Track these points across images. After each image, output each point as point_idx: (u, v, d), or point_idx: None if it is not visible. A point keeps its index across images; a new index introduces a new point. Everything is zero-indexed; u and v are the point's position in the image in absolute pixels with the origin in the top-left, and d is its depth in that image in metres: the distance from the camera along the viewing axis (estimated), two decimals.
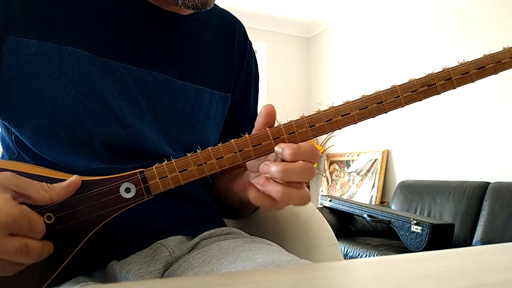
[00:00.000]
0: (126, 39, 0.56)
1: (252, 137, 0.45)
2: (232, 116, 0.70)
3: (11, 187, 0.39)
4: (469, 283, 0.24)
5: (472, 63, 0.47)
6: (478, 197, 2.24)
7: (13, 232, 0.37)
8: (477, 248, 0.36)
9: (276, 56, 4.03)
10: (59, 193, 0.42)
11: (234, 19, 0.72)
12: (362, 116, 0.46)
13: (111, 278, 0.51)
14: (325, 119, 0.45)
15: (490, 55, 0.47)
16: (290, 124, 0.45)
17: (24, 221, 0.38)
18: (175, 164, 0.45)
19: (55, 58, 0.51)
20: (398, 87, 0.46)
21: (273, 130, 0.45)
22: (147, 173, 0.45)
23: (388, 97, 0.46)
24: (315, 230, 0.67)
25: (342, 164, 3.55)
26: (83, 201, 0.44)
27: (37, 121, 0.51)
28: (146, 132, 0.55)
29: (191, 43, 0.63)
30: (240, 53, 0.70)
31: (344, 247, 2.29)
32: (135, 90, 0.56)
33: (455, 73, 0.46)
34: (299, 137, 0.45)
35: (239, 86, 0.70)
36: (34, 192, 0.40)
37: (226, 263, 0.47)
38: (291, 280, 0.25)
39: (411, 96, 0.46)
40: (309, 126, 0.45)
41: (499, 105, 2.39)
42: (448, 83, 0.47)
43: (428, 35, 2.87)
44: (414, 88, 0.46)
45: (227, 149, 0.45)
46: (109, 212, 0.45)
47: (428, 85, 0.46)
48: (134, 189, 0.45)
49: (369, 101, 0.46)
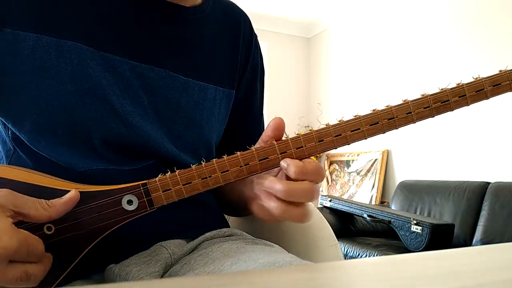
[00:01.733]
0: (127, 33, 0.54)
1: (258, 150, 0.44)
2: (238, 113, 0.68)
3: (9, 206, 0.38)
4: (469, 283, 0.24)
5: (487, 80, 0.45)
6: (478, 197, 2.24)
7: (12, 259, 0.37)
8: (477, 248, 0.36)
9: (276, 56, 4.03)
10: (58, 210, 0.41)
11: (239, 11, 0.70)
12: (372, 132, 0.45)
13: (109, 282, 0.50)
14: (334, 134, 0.44)
15: (506, 71, 0.46)
16: (298, 139, 0.44)
17: (23, 249, 0.37)
18: (179, 177, 0.44)
19: (54, 52, 0.49)
20: (410, 103, 0.44)
21: (280, 144, 0.44)
22: (150, 186, 0.44)
23: (400, 113, 0.45)
24: (315, 230, 0.67)
25: (342, 164, 3.55)
26: (84, 213, 0.43)
27: (35, 118, 0.49)
28: (148, 130, 0.54)
29: (194, 37, 0.60)
30: (246, 46, 0.68)
31: (344, 247, 2.29)
32: (136, 87, 0.54)
33: (469, 89, 0.45)
34: (307, 152, 0.44)
35: (244, 81, 0.68)
36: (32, 210, 0.40)
37: (228, 264, 0.47)
38: (291, 280, 0.25)
39: (424, 113, 0.45)
40: (318, 141, 0.44)
41: (499, 105, 2.39)
42: (462, 99, 0.45)
43: (428, 35, 2.86)
44: (427, 104, 0.45)
45: (232, 162, 0.44)
46: (110, 224, 0.44)
47: (442, 101, 0.45)
48: (137, 201, 0.44)
49: (380, 116, 0.44)
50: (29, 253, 0.38)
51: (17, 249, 0.36)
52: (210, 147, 0.62)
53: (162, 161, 0.55)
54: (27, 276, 0.38)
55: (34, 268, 0.38)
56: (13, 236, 0.36)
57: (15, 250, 0.36)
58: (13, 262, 0.37)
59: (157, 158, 0.55)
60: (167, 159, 0.55)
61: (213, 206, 0.64)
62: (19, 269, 0.37)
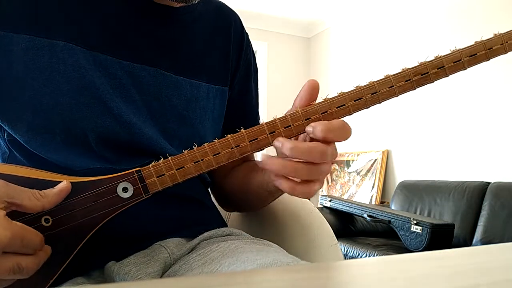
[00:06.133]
0: (118, 33, 0.55)
1: (248, 132, 0.45)
2: (234, 112, 0.69)
3: (3, 197, 0.39)
4: (469, 283, 0.24)
5: (463, 51, 0.47)
6: (478, 197, 2.24)
7: (5, 251, 0.37)
8: (477, 248, 0.36)
9: (276, 56, 4.03)
10: (51, 200, 0.42)
11: (229, 11, 0.71)
12: (357, 107, 0.46)
13: (109, 279, 0.50)
14: (320, 111, 0.45)
15: (481, 41, 0.47)
16: (286, 118, 0.45)
17: (17, 241, 0.37)
18: (172, 162, 0.44)
19: (47, 53, 0.50)
20: (392, 77, 0.46)
21: (268, 124, 0.45)
22: (144, 172, 0.45)
23: (382, 87, 0.46)
24: (315, 230, 0.67)
25: (342, 164, 3.55)
26: (81, 203, 0.44)
27: (31, 118, 0.50)
28: (142, 128, 0.54)
29: (185, 36, 0.61)
30: (237, 44, 0.69)
31: (344, 247, 2.29)
32: (128, 86, 0.55)
33: (447, 61, 0.46)
34: (295, 130, 0.45)
35: (238, 79, 0.69)
36: (25, 200, 0.40)
37: (226, 264, 0.47)
38: (291, 280, 0.25)
39: (405, 86, 0.46)
40: (305, 119, 0.45)
41: (499, 105, 2.39)
42: (441, 71, 0.46)
43: (428, 35, 2.87)
44: (407, 77, 0.46)
45: (223, 144, 0.45)
46: (107, 212, 0.44)
47: (422, 73, 0.46)
48: (132, 188, 0.44)
49: (364, 91, 0.45)
50: (23, 245, 0.38)
51: (11, 240, 0.36)
52: None
53: (158, 159, 0.55)
54: (19, 268, 0.38)
55: (27, 260, 0.39)
56: (7, 227, 0.37)
57: (8, 242, 0.36)
58: (7, 253, 0.37)
59: (153, 157, 0.55)
60: (163, 157, 0.55)
61: (211, 207, 0.64)
62: (12, 261, 0.37)
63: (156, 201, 0.46)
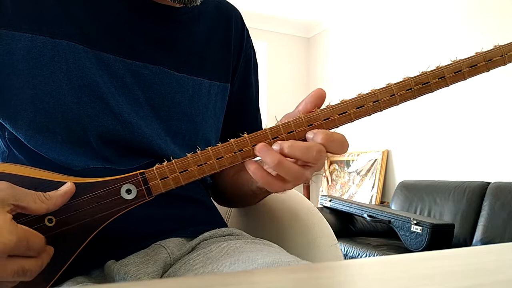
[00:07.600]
0: (120, 32, 0.56)
1: (251, 136, 0.45)
2: (235, 108, 0.69)
3: (10, 200, 0.39)
4: (469, 283, 0.24)
5: (464, 61, 0.47)
6: (478, 197, 2.24)
7: (11, 254, 0.37)
8: (477, 248, 0.36)
9: (276, 56, 4.03)
10: (55, 202, 0.42)
11: (230, 6, 0.71)
12: (359, 114, 0.46)
13: (109, 278, 0.50)
14: (323, 118, 0.46)
15: (481, 53, 0.48)
16: (289, 124, 0.45)
17: (22, 244, 0.37)
18: (176, 165, 0.45)
19: (49, 52, 0.51)
20: (393, 86, 0.47)
21: (272, 130, 0.45)
22: (147, 174, 0.45)
23: (384, 95, 0.47)
24: (315, 230, 0.67)
25: (342, 164, 3.55)
26: (84, 203, 0.44)
27: (32, 116, 0.50)
28: (144, 127, 0.55)
29: (186, 35, 0.62)
30: (238, 39, 0.70)
31: (344, 247, 2.29)
32: (131, 84, 0.55)
33: (448, 71, 0.47)
34: (297, 136, 0.46)
35: (238, 74, 0.69)
36: (31, 203, 0.40)
37: (227, 264, 0.47)
38: (291, 280, 0.25)
39: (406, 95, 0.47)
40: (307, 125, 0.45)
41: (499, 105, 2.39)
42: (442, 81, 0.47)
43: (428, 36, 2.86)
44: (409, 86, 0.47)
45: (227, 149, 0.45)
46: (110, 213, 0.45)
47: (422, 83, 0.47)
48: (135, 190, 0.45)
49: (366, 99, 0.46)
50: (28, 248, 0.38)
51: (16, 244, 0.37)
52: (209, 144, 0.63)
53: (158, 160, 0.55)
54: (23, 271, 0.38)
55: (30, 263, 0.39)
56: (13, 231, 0.37)
57: (14, 245, 0.36)
58: (11, 257, 0.37)
59: (154, 157, 0.56)
60: (163, 157, 0.55)
61: (211, 207, 0.64)
62: (16, 264, 0.38)
63: (156, 201, 0.46)
